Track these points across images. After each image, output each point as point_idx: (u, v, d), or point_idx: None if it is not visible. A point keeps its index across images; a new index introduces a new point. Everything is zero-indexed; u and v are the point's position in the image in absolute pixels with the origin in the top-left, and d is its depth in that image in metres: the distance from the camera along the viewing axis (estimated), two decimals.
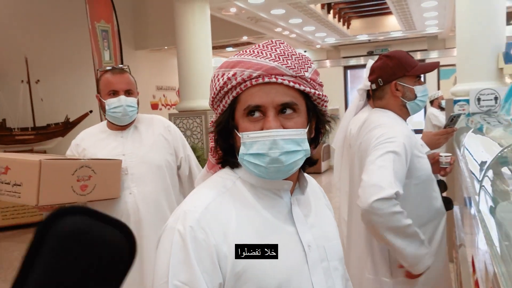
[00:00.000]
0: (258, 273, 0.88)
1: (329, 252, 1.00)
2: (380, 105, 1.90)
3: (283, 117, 0.92)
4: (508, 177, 1.77)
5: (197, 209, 0.91)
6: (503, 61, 4.12)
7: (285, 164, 0.91)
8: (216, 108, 0.99)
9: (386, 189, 1.56)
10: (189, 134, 5.62)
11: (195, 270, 0.85)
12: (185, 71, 5.59)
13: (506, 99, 2.46)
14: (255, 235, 0.91)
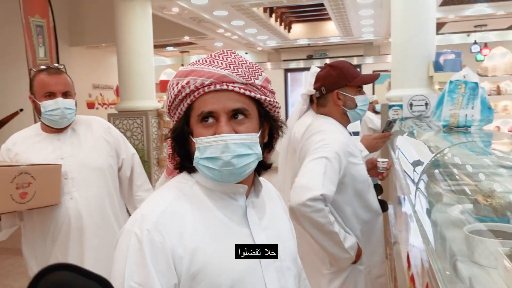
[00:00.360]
0: (212, 273, 0.92)
1: (282, 252, 1.05)
2: (323, 112, 2.01)
3: (235, 122, 0.98)
4: (441, 180, 1.91)
5: (154, 212, 0.94)
6: (433, 70, 4.42)
7: (237, 167, 0.96)
8: (172, 116, 1.04)
9: (312, 190, 1.66)
10: (129, 135, 5.48)
11: (150, 272, 0.88)
12: (125, 70, 5.45)
13: (437, 106, 2.64)
14: (210, 236, 0.95)
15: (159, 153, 5.48)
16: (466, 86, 2.56)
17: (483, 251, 1.24)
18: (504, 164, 1.78)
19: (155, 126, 5.51)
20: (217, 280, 0.93)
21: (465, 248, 1.30)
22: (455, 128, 2.56)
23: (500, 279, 1.16)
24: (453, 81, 2.62)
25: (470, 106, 2.53)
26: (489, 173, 1.74)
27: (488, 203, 1.41)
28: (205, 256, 0.93)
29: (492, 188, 1.46)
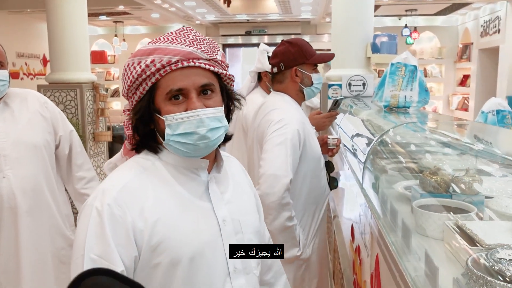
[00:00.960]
0: (172, 246, 0.95)
1: (244, 225, 1.09)
2: (279, 89, 2.02)
3: (204, 98, 1.01)
4: (387, 158, 2.02)
5: (115, 187, 0.97)
6: (371, 51, 4.59)
7: (212, 139, 1.00)
8: (131, 96, 1.04)
9: (282, 178, 1.71)
10: (62, 108, 5.18)
11: (110, 244, 0.91)
12: (57, 39, 5.11)
13: (379, 87, 2.77)
14: (170, 210, 0.98)
15: (95, 127, 5.27)
16: (406, 69, 2.71)
17: (430, 224, 1.35)
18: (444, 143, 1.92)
19: (90, 99, 5.26)
20: (177, 252, 0.95)
21: (414, 222, 1.41)
22: (395, 109, 2.70)
23: (446, 249, 1.27)
24: (394, 63, 2.76)
25: (409, 88, 2.68)
26: (432, 151, 1.87)
27: (433, 179, 1.52)
28: (166, 228, 0.95)
29: (437, 165, 1.57)
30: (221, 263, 1.02)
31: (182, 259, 0.96)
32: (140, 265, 0.95)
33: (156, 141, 1.05)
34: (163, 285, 0.96)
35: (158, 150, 1.05)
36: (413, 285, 1.04)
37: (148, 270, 0.95)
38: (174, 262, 0.96)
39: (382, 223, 1.49)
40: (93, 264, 0.91)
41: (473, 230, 1.20)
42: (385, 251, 1.36)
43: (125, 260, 0.92)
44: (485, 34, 7.90)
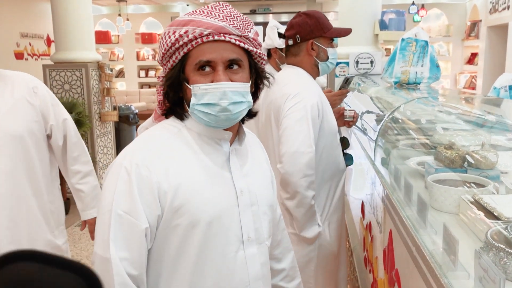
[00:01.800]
0: (192, 209, 1.00)
1: (260, 198, 1.13)
2: (293, 62, 1.96)
3: (230, 72, 1.03)
4: (399, 134, 2.00)
5: (143, 149, 1.03)
6: (379, 28, 4.52)
7: (233, 113, 1.02)
8: (165, 64, 1.07)
9: (305, 154, 1.68)
10: (68, 88, 5.17)
11: (137, 202, 0.97)
12: (61, 18, 5.06)
13: (389, 63, 2.73)
14: (193, 175, 1.03)
15: (101, 107, 5.25)
16: (417, 44, 2.66)
17: (446, 198, 1.34)
18: (458, 117, 1.89)
19: (96, 79, 5.22)
20: (197, 215, 1.01)
21: (429, 196, 1.39)
22: (405, 85, 2.67)
23: (462, 223, 1.26)
24: (405, 39, 2.71)
25: (420, 64, 2.64)
26: (445, 126, 1.84)
27: (448, 154, 1.50)
28: (188, 192, 1.00)
29: (451, 140, 1.55)
30: (236, 231, 1.06)
31: (200, 222, 1.01)
32: (162, 225, 1.00)
33: (184, 109, 1.09)
34: (181, 244, 1.01)
35: (185, 117, 1.09)
36: (431, 258, 1.03)
37: (169, 230, 1.00)
38: (193, 224, 1.00)
39: (396, 198, 1.47)
40: (120, 219, 0.96)
41: (490, 203, 1.19)
42: (399, 226, 1.36)
43: (149, 218, 0.98)
44: (494, 10, 7.75)
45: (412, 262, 1.19)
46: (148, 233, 0.99)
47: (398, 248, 1.43)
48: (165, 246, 1.02)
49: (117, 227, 0.97)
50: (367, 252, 2.14)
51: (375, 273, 1.86)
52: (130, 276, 0.96)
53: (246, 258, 1.08)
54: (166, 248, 1.02)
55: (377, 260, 1.85)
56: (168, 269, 1.03)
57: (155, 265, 1.03)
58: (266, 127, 1.98)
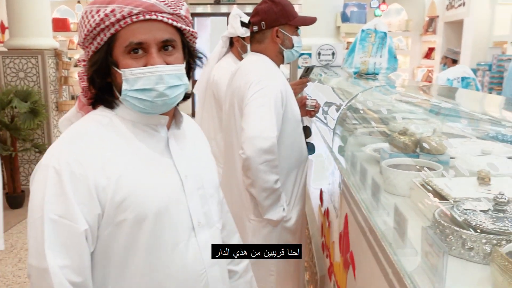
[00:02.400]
0: (136, 201, 0.94)
1: (205, 180, 1.10)
2: (258, 49, 1.95)
3: (165, 54, 0.97)
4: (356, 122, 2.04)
5: (73, 144, 0.94)
6: (340, 20, 4.58)
7: (170, 97, 0.97)
8: (88, 46, 0.99)
9: (268, 140, 1.68)
10: (23, 76, 4.97)
11: (71, 203, 0.89)
12: (16, 3, 4.85)
13: (349, 54, 2.78)
14: (133, 165, 0.96)
15: (58, 96, 5.09)
16: (376, 36, 2.72)
17: (399, 181, 1.38)
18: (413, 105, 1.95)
19: (53, 67, 5.05)
20: (142, 208, 0.94)
21: (383, 181, 1.44)
22: (364, 75, 2.72)
23: (413, 205, 1.30)
24: (365, 30, 2.76)
25: (379, 55, 2.70)
26: (401, 113, 1.90)
27: (401, 140, 1.55)
28: (129, 184, 0.94)
29: (406, 126, 1.60)
30: (185, 218, 1.02)
31: (148, 215, 0.95)
32: (104, 223, 0.93)
33: (113, 96, 1.01)
34: (128, 241, 0.95)
35: (115, 105, 1.02)
36: (382, 237, 1.07)
37: (113, 227, 0.94)
38: (139, 218, 0.94)
39: (352, 183, 1.51)
40: (54, 225, 0.88)
41: (439, 185, 1.24)
42: (354, 209, 1.39)
43: (88, 218, 0.90)
44: (451, 7, 8.01)
45: (365, 243, 1.22)
46: (88, 235, 0.91)
47: (353, 231, 1.47)
48: (110, 246, 0.95)
49: (52, 233, 0.88)
50: (325, 238, 2.18)
51: (332, 257, 1.90)
52: (73, 285, 0.89)
53: (199, 244, 1.03)
54: (112, 247, 0.95)
55: (333, 245, 1.89)
56: (116, 269, 0.96)
57: (101, 267, 0.96)
58: (230, 116, 1.97)
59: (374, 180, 1.32)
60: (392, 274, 0.95)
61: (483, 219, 0.98)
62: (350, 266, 1.46)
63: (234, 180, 1.95)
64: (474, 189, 1.20)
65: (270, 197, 1.77)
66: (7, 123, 4.56)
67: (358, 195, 1.39)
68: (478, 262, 0.94)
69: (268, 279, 1.95)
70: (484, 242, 0.93)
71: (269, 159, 1.70)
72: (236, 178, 1.93)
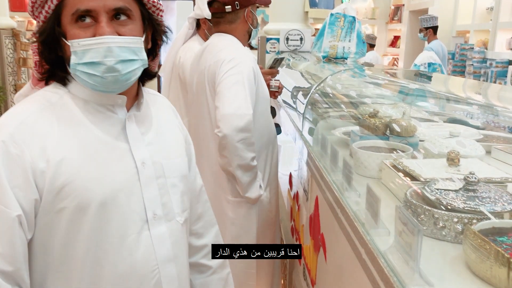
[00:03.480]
0: (78, 189, 0.86)
1: (167, 168, 1.00)
2: (227, 30, 1.93)
3: (117, 24, 0.88)
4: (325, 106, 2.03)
5: (12, 122, 0.86)
6: (309, 6, 4.57)
7: (122, 73, 0.87)
8: (37, 16, 0.91)
9: (243, 117, 1.65)
10: None
11: (4, 186, 0.82)
12: None
13: (318, 38, 2.76)
14: (78, 150, 0.88)
15: (17, 79, 4.87)
16: (345, 20, 2.71)
17: (369, 163, 1.38)
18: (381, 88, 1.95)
19: (10, 48, 4.82)
20: (85, 196, 0.86)
21: (353, 162, 1.43)
22: (333, 60, 2.72)
23: (384, 187, 1.30)
24: (334, 14, 2.75)
25: (348, 39, 2.70)
26: (370, 96, 1.90)
27: (371, 122, 1.55)
28: (72, 169, 0.86)
29: (375, 109, 1.60)
30: (137, 210, 0.93)
31: (91, 204, 0.87)
32: (42, 209, 0.86)
33: (65, 71, 0.92)
34: (69, 231, 0.87)
35: (67, 81, 0.93)
36: (354, 217, 1.06)
37: (52, 215, 0.86)
38: (81, 207, 0.87)
39: (322, 166, 1.50)
40: None
41: (410, 166, 1.24)
42: (326, 191, 1.38)
43: (23, 203, 0.83)
44: None
45: (337, 224, 1.21)
46: (23, 221, 0.83)
47: (323, 213, 1.46)
48: (50, 234, 0.87)
49: None
50: (294, 222, 2.18)
51: (301, 240, 1.90)
52: (2, 273, 0.81)
53: (152, 238, 0.94)
54: (52, 236, 0.87)
55: (303, 228, 1.89)
56: (56, 260, 0.88)
57: (40, 257, 0.88)
58: (200, 96, 1.93)
59: (345, 162, 1.31)
60: (366, 253, 0.94)
61: (454, 198, 0.99)
62: (320, 249, 1.45)
63: (206, 161, 1.92)
64: (444, 170, 1.21)
65: (248, 174, 1.76)
66: None
67: (329, 177, 1.38)
68: (450, 241, 0.95)
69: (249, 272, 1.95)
70: (456, 221, 0.93)
71: (245, 137, 1.67)
72: (209, 159, 1.90)
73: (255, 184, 1.80)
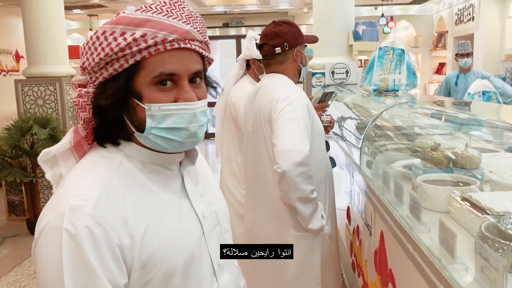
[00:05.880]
0: (163, 257, 0.82)
1: (220, 215, 1.00)
2: (278, 70, 2.00)
3: (193, 87, 0.86)
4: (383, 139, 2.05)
5: (88, 202, 0.77)
6: (353, 39, 4.63)
7: (199, 137, 0.86)
8: (96, 71, 0.83)
9: (301, 153, 1.70)
10: (41, 103, 5.07)
11: (96, 272, 0.75)
12: (33, 33, 4.97)
13: (368, 72, 2.80)
14: (155, 218, 0.84)
15: (76, 122, 5.16)
16: (393, 53, 2.74)
17: (436, 197, 1.38)
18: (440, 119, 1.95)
19: (70, 93, 5.14)
20: (170, 264, 0.83)
21: (418, 196, 1.43)
22: (384, 92, 2.74)
23: (453, 221, 1.30)
24: (382, 47, 2.79)
25: (398, 71, 2.72)
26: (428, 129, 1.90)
27: (434, 155, 1.55)
28: (155, 239, 0.82)
29: (437, 142, 1.61)
30: (207, 264, 0.92)
31: (177, 270, 0.84)
32: (130, 285, 0.80)
33: (126, 131, 0.86)
34: None
35: (122, 142, 0.87)
36: (429, 253, 1.06)
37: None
38: (167, 275, 0.83)
39: (386, 200, 1.51)
40: None
41: (480, 200, 1.24)
42: (392, 225, 1.39)
43: (115, 285, 0.77)
44: (460, 22, 8.06)
45: (408, 259, 1.22)
46: None
47: (390, 248, 1.46)
48: None
49: None
50: (355, 257, 2.16)
51: (365, 276, 1.88)
52: None
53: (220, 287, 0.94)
54: None
55: (366, 263, 1.88)
56: None
57: None
58: (256, 135, 1.99)
59: (412, 196, 1.32)
60: None
61: None
62: (389, 284, 1.44)
63: (266, 198, 1.96)
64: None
65: (308, 206, 1.78)
66: (28, 149, 4.63)
67: (395, 211, 1.39)
68: None
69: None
70: None
71: (304, 171, 1.71)
72: (269, 195, 1.93)
73: (317, 214, 1.82)
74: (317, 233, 1.87)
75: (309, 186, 1.74)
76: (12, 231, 4.90)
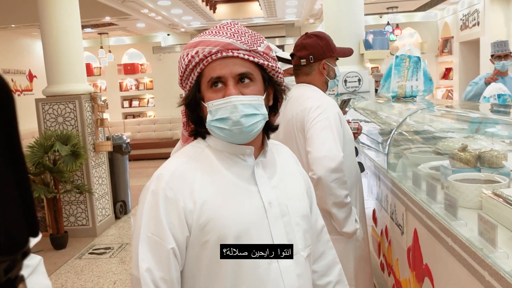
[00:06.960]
0: (218, 225, 1.02)
1: (291, 208, 1.13)
2: (305, 80, 2.09)
3: (241, 86, 1.06)
4: (409, 142, 2.14)
5: (167, 172, 1.07)
6: (364, 48, 4.75)
7: (245, 126, 1.05)
8: (184, 86, 1.12)
9: (335, 159, 1.79)
10: (61, 121, 5.20)
11: (162, 223, 1.02)
12: (53, 53, 5.13)
13: (385, 79, 2.90)
14: (217, 192, 1.06)
15: (95, 138, 5.29)
16: (410, 60, 2.85)
17: (467, 195, 1.47)
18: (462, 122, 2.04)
19: (89, 110, 5.28)
20: (224, 231, 1.02)
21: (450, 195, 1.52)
22: (402, 99, 2.84)
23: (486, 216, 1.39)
24: (398, 56, 2.89)
25: (415, 78, 2.82)
26: (452, 131, 1.99)
27: (462, 156, 1.65)
28: (213, 209, 1.03)
29: (464, 144, 1.70)
30: (267, 243, 1.06)
31: (228, 237, 1.02)
32: (191, 243, 1.03)
33: (205, 128, 1.11)
34: (212, 261, 1.03)
35: (207, 136, 1.14)
36: (470, 243, 1.15)
37: (198, 248, 1.03)
38: (221, 239, 1.02)
39: (420, 200, 1.60)
40: (147, 240, 1.02)
41: (511, 195, 1.33)
42: (428, 222, 1.48)
43: (177, 238, 1.02)
44: (465, 27, 8.18)
45: (447, 252, 1.31)
46: (177, 253, 1.02)
47: (425, 244, 1.55)
48: (197, 264, 1.04)
49: (146, 248, 1.01)
50: (384, 257, 2.24)
51: (397, 274, 1.96)
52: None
53: (280, 270, 1.07)
54: (198, 266, 1.04)
55: (397, 262, 1.96)
56: (201, 286, 1.05)
57: (189, 284, 1.06)
58: (288, 143, 2.08)
59: (447, 193, 1.41)
60: (489, 275, 1.03)
61: None
62: (425, 278, 1.53)
63: None
64: None
65: (343, 210, 1.86)
66: (51, 166, 4.75)
67: (430, 209, 1.48)
68: None
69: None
70: None
71: (338, 177, 1.79)
72: None
73: (351, 218, 1.90)
74: (351, 237, 1.95)
75: (343, 191, 1.82)
76: (36, 246, 4.97)
